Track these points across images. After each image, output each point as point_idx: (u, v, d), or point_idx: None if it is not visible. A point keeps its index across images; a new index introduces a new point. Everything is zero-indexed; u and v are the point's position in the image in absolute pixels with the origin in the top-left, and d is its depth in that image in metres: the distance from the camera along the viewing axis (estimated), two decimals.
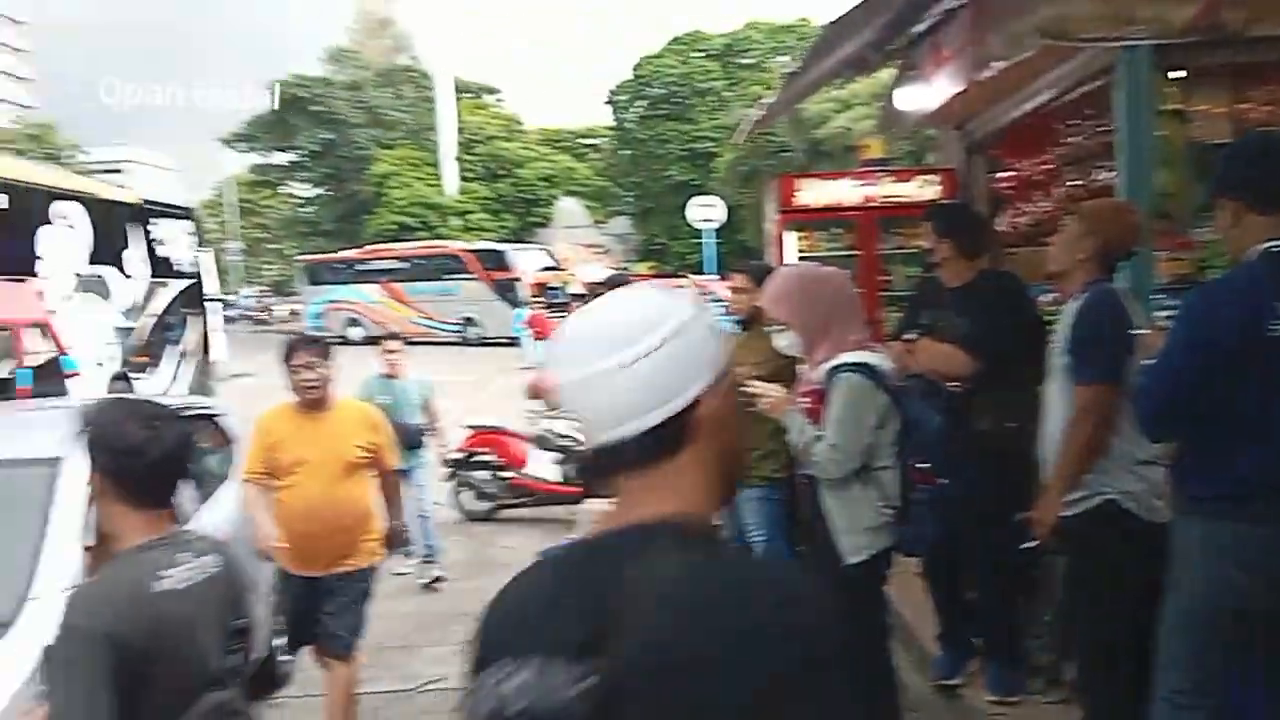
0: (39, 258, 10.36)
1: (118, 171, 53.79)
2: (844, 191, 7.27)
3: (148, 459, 1.89)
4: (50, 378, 7.42)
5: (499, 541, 7.38)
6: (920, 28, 4.90)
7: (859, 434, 2.82)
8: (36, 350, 7.60)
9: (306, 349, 3.88)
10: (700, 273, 23.62)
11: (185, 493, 3.18)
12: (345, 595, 3.94)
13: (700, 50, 41.54)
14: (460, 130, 40.70)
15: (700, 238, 24.27)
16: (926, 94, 5.21)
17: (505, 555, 6.98)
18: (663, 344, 0.97)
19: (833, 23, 4.63)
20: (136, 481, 1.90)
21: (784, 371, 3.34)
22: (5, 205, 9.85)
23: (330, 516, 3.83)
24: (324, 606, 3.91)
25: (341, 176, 41.66)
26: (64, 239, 10.92)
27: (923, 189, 6.86)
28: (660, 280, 21.72)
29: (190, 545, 1.97)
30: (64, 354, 7.97)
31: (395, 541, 4.21)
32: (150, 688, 1.80)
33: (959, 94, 4.81)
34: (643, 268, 34.15)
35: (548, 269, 29.11)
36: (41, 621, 2.46)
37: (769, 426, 3.23)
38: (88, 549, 2.99)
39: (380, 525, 4.09)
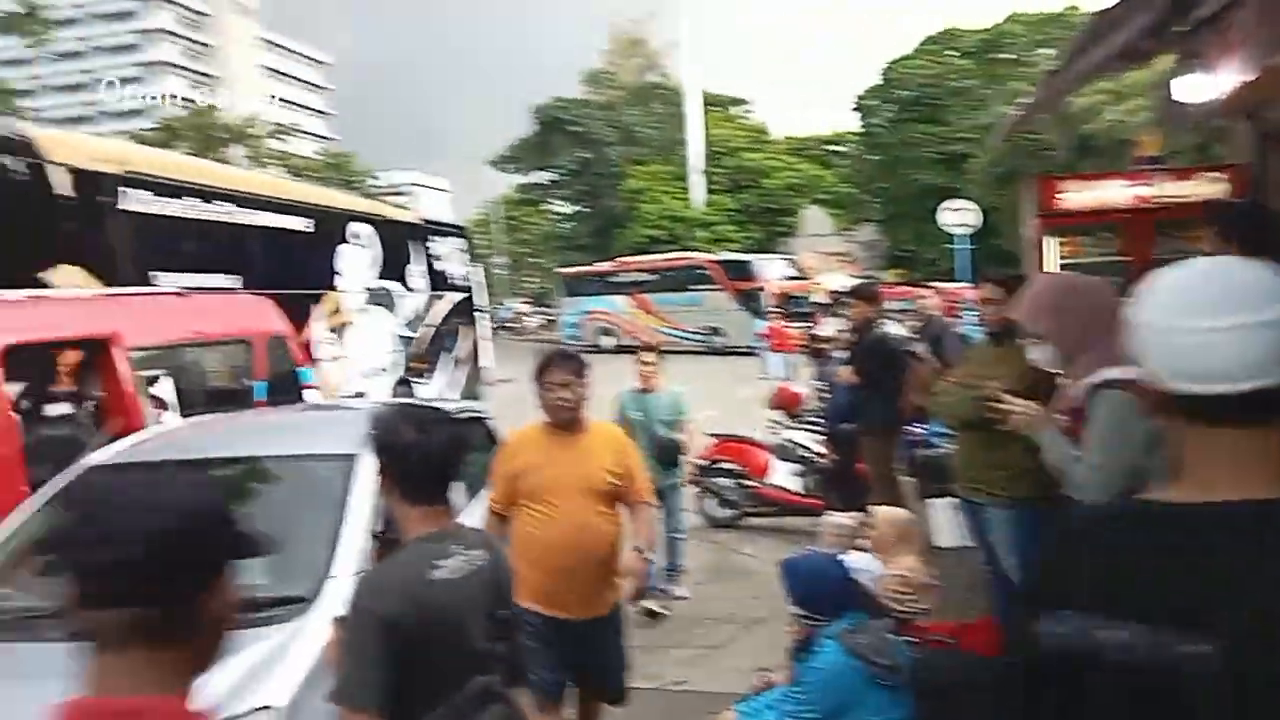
0: (338, 273, 11.73)
1: (403, 194, 59.32)
2: (1113, 192, 6.74)
3: (418, 458, 2.11)
4: (287, 390, 7.19)
5: (741, 548, 7.46)
6: (1204, 11, 4.47)
7: (1123, 455, 2.63)
8: (275, 363, 7.28)
9: (561, 366, 3.53)
10: (951, 280, 22.57)
11: (458, 489, 3.48)
12: (607, 645, 3.65)
13: (955, 49, 39.76)
14: (707, 143, 41.40)
15: (952, 244, 23.23)
16: (1211, 82, 4.73)
17: (747, 562, 7.06)
18: None
19: (1103, 10, 4.32)
20: (410, 478, 2.12)
21: (1039, 387, 3.16)
22: (312, 228, 11.25)
23: (582, 550, 3.44)
24: (585, 658, 3.60)
25: (596, 193, 43.62)
26: (357, 256, 12.26)
27: (1206, 187, 6.23)
28: (905, 288, 20.96)
29: (462, 538, 2.17)
30: (301, 367, 7.64)
31: (631, 569, 3.63)
32: (423, 668, 1.98)
33: (1251, 81, 4.34)
34: (889, 275, 33.11)
35: (791, 278, 28.99)
36: (339, 599, 2.80)
37: (1022, 444, 3.07)
38: (376, 537, 3.36)
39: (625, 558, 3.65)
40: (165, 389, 6.00)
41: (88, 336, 5.68)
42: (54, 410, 5.65)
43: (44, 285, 7.38)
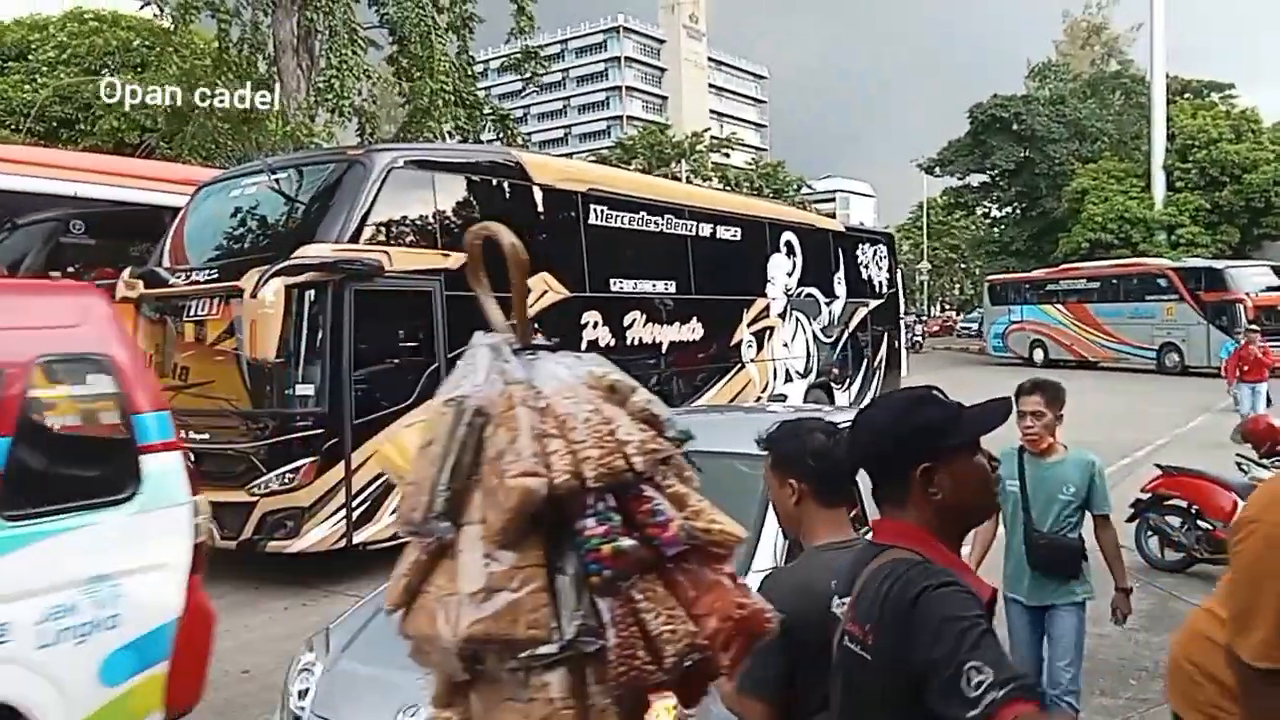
0: (768, 280, 12.33)
1: (830, 200, 60.21)
2: None
3: (831, 462, 2.18)
4: (87, 453, 3.93)
5: (1186, 595, 6.61)
6: None
7: None
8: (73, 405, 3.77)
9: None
10: None
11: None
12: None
13: None
14: (1174, 136, 36.62)
15: None
16: None
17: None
18: None
19: None
20: (825, 481, 2.20)
21: None
22: (745, 237, 11.92)
23: None
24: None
25: (1035, 195, 40.66)
26: (785, 264, 12.77)
27: None
28: None
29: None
30: (144, 413, 3.84)
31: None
32: (818, 676, 1.95)
33: None
34: None
35: (1276, 289, 24.72)
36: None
37: None
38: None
39: None
40: None
41: None
42: None
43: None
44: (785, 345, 12.68)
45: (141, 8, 18.00)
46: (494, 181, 8.77)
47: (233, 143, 15.02)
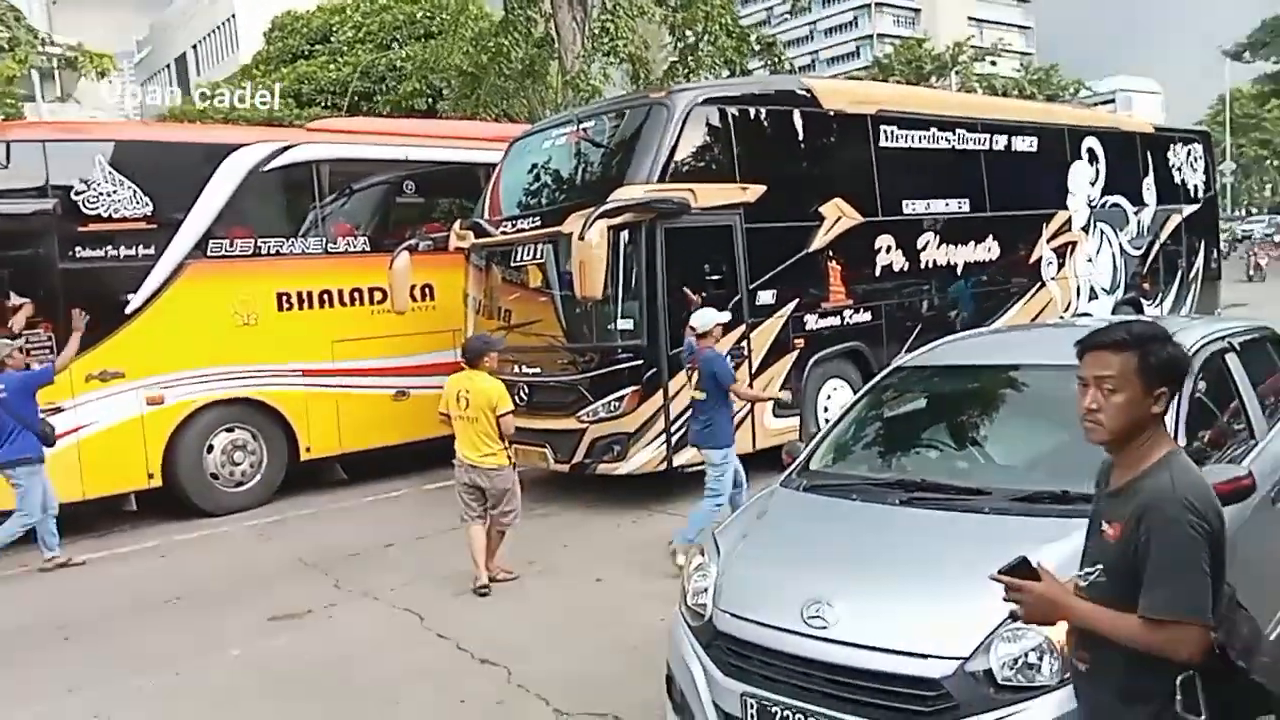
0: (1068, 191, 11.51)
1: (1110, 102, 54.69)
2: None
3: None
4: None
5: None
6: None
7: None
8: None
9: None
10: None
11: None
12: None
13: None
14: None
15: None
16: None
17: None
18: None
19: None
20: (1175, 394, 2.03)
21: None
22: (1041, 147, 11.16)
23: None
24: None
25: None
26: (1086, 172, 11.85)
27: None
28: None
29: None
30: None
31: None
32: (1216, 582, 1.94)
33: None
34: None
35: None
36: None
37: None
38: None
39: None
40: None
41: None
42: None
43: (821, 219, 8.72)
44: (1089, 260, 11.84)
45: None
46: (786, 111, 8.76)
47: (516, 99, 15.99)
